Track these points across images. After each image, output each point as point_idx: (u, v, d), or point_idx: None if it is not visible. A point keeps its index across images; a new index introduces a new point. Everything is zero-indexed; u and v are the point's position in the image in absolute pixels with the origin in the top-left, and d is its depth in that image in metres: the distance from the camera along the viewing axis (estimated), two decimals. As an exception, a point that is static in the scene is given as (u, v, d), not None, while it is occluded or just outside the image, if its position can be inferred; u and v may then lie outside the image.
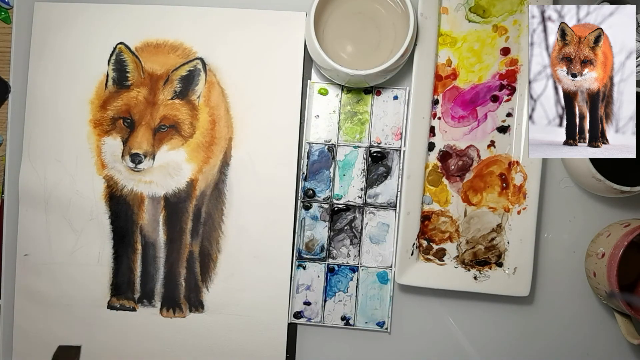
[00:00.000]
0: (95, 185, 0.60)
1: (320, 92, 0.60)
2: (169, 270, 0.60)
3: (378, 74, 0.55)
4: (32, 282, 0.60)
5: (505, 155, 0.59)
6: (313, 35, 0.54)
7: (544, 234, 0.60)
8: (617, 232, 0.55)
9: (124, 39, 0.60)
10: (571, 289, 0.60)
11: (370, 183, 0.60)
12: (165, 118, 0.60)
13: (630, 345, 0.60)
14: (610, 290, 0.54)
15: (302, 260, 0.60)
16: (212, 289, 0.60)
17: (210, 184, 0.60)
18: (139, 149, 0.60)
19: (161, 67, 0.60)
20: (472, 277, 0.59)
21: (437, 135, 0.60)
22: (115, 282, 0.60)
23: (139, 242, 0.60)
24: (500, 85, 0.60)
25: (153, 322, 0.60)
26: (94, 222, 0.60)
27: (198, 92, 0.60)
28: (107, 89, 0.60)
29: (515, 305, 0.60)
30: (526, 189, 0.58)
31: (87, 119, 0.60)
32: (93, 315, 0.60)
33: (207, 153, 0.60)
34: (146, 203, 0.60)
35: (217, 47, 0.60)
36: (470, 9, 0.60)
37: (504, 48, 0.60)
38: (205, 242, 0.60)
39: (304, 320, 0.60)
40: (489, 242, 0.59)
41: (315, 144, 0.60)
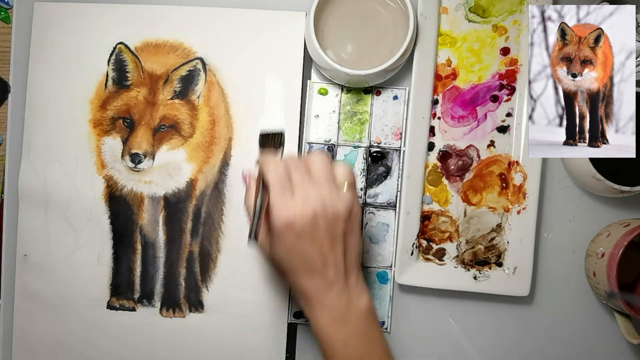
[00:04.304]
0: (95, 185, 0.60)
1: (320, 92, 0.60)
2: (168, 270, 0.60)
3: (378, 74, 0.55)
4: (32, 282, 0.60)
5: (505, 155, 0.59)
6: (313, 35, 0.54)
7: (543, 234, 0.60)
8: (617, 232, 0.55)
9: (124, 39, 0.60)
10: (571, 289, 0.60)
11: (370, 183, 0.60)
12: (165, 118, 0.60)
13: (630, 345, 0.60)
14: (610, 290, 0.54)
15: (302, 260, 0.60)
16: (212, 289, 0.60)
17: (210, 184, 0.60)
18: (139, 149, 0.60)
19: (161, 67, 0.60)
20: (472, 277, 0.59)
21: (437, 135, 0.60)
22: (115, 282, 0.60)
23: (139, 242, 0.60)
24: (500, 85, 0.60)
25: (153, 322, 0.60)
26: (94, 222, 0.60)
27: (198, 92, 0.60)
28: (107, 89, 0.60)
29: (515, 305, 0.60)
30: (526, 189, 0.58)
31: (87, 118, 0.60)
32: (93, 315, 0.60)
33: (207, 153, 0.60)
34: (146, 203, 0.60)
35: (217, 47, 0.60)
36: (470, 9, 0.60)
37: (503, 48, 0.60)
38: (205, 242, 0.60)
39: (304, 320, 0.60)
40: (488, 242, 0.59)
41: (315, 144, 0.60)
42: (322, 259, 0.47)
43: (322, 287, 0.48)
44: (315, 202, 0.46)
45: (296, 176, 0.47)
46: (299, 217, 0.46)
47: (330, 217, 0.46)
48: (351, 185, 0.49)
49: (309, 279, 0.47)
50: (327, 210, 0.46)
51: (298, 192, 0.46)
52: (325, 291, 0.48)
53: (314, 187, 0.47)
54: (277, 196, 0.46)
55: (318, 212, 0.46)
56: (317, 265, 0.47)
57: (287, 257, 0.47)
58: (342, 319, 0.48)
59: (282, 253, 0.47)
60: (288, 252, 0.47)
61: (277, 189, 0.46)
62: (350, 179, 0.49)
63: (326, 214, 0.46)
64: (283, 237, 0.46)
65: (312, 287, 0.48)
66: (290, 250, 0.47)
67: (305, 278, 0.48)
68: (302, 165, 0.48)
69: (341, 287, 0.48)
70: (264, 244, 0.49)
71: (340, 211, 0.47)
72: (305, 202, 0.46)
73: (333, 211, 0.47)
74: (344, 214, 0.47)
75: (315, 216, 0.46)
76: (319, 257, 0.47)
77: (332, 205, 0.47)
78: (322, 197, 0.46)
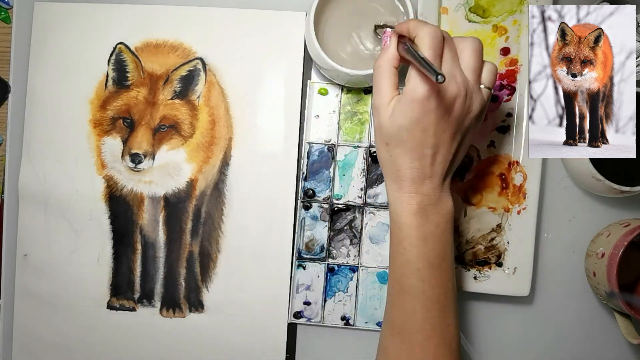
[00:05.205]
0: (95, 185, 0.60)
1: (320, 92, 0.60)
2: (168, 270, 0.60)
3: (378, 74, 0.55)
4: (32, 282, 0.60)
5: (505, 155, 0.59)
6: (313, 35, 0.54)
7: (544, 234, 0.60)
8: (617, 232, 0.55)
9: (124, 39, 0.60)
10: (571, 289, 0.60)
11: (370, 183, 0.60)
12: (165, 118, 0.60)
13: (630, 345, 0.60)
14: (610, 290, 0.54)
15: (302, 260, 0.60)
16: (212, 289, 0.60)
17: (210, 184, 0.60)
18: (139, 149, 0.60)
19: (161, 67, 0.60)
20: (472, 277, 0.59)
21: (437, 135, 0.60)
22: (115, 282, 0.60)
23: (139, 242, 0.60)
24: (500, 85, 0.60)
25: (153, 322, 0.60)
26: (94, 222, 0.60)
27: (198, 92, 0.60)
28: (107, 89, 0.60)
29: (515, 305, 0.60)
30: (526, 189, 0.58)
31: (87, 118, 0.60)
32: (93, 315, 0.60)
33: (207, 153, 0.60)
34: (146, 203, 0.60)
35: (217, 47, 0.60)
36: (470, 9, 0.60)
37: (503, 48, 0.60)
38: (205, 242, 0.60)
39: (303, 320, 0.60)
40: (488, 242, 0.59)
41: (315, 144, 0.60)
42: (436, 147, 0.45)
43: (423, 174, 0.46)
44: (460, 86, 0.44)
45: (448, 53, 0.45)
46: (439, 95, 0.44)
47: (465, 107, 0.45)
48: (491, 86, 0.47)
49: (415, 160, 0.46)
50: (466, 99, 0.45)
51: (446, 70, 0.45)
52: (423, 179, 0.46)
53: (461, 72, 0.45)
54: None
55: (459, 97, 0.44)
56: (429, 150, 0.45)
57: (408, 129, 0.45)
58: (428, 211, 0.46)
59: (403, 122, 0.45)
60: (412, 124, 0.44)
61: (430, 55, 0.44)
62: (493, 80, 0.48)
63: (464, 102, 0.45)
64: (413, 107, 0.44)
65: (414, 170, 0.46)
66: (413, 122, 0.44)
67: (412, 158, 0.46)
68: (454, 45, 0.46)
69: (438, 182, 0.47)
70: (384, 106, 0.46)
71: (475, 106, 0.46)
72: (451, 82, 0.44)
73: (470, 103, 0.46)
74: (477, 110, 0.46)
75: (454, 100, 0.44)
76: (435, 144, 0.45)
77: (472, 97, 0.46)
78: (467, 84, 0.45)
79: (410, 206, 0.46)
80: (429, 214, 0.46)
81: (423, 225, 0.46)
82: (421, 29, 0.45)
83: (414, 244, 0.46)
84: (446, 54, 0.45)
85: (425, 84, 0.43)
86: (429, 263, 0.46)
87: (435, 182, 0.46)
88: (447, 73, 0.44)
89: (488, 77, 0.47)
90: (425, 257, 0.46)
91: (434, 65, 0.41)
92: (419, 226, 0.46)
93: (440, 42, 0.45)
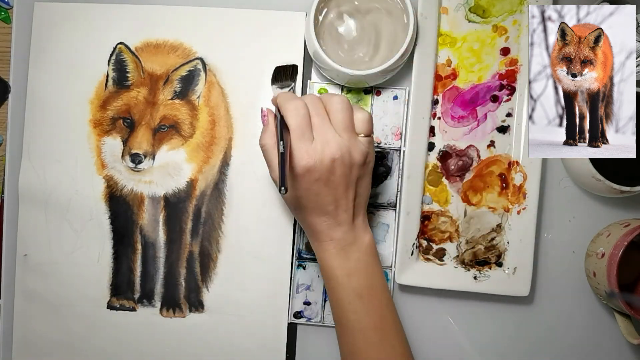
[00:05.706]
0: (95, 185, 0.60)
1: (320, 92, 0.60)
2: (168, 270, 0.60)
3: (378, 74, 0.55)
4: (32, 282, 0.60)
5: (505, 155, 0.59)
6: (313, 35, 0.54)
7: (544, 234, 0.60)
8: (617, 232, 0.55)
9: (124, 39, 0.60)
10: (571, 289, 0.60)
11: (370, 183, 0.60)
12: (165, 118, 0.60)
13: (630, 345, 0.60)
14: (610, 290, 0.54)
15: (302, 260, 0.60)
16: (212, 289, 0.60)
17: (210, 184, 0.60)
18: (139, 149, 0.60)
19: (161, 67, 0.60)
20: (472, 277, 0.59)
21: (437, 135, 0.60)
22: (115, 282, 0.60)
23: (139, 242, 0.60)
24: (500, 85, 0.60)
25: (153, 322, 0.60)
26: (94, 222, 0.60)
27: (198, 92, 0.60)
28: (107, 89, 0.60)
29: (515, 305, 0.60)
30: (526, 189, 0.58)
31: (87, 118, 0.60)
32: (93, 315, 0.60)
33: (207, 153, 0.60)
34: (146, 203, 0.60)
35: (217, 47, 0.60)
36: (470, 9, 0.60)
37: (503, 48, 0.60)
38: (205, 242, 0.60)
39: (303, 320, 0.60)
40: (488, 242, 0.59)
41: (315, 144, 0.60)
42: (335, 202, 0.49)
43: (332, 224, 0.50)
44: (334, 149, 0.48)
45: (316, 120, 0.49)
46: (318, 163, 0.48)
47: (347, 164, 0.49)
48: (369, 134, 0.50)
49: (321, 217, 0.50)
50: (344, 158, 0.48)
51: (318, 138, 0.48)
52: (334, 228, 0.50)
53: (334, 134, 0.48)
54: (298, 140, 0.48)
55: (336, 159, 0.48)
56: (330, 207, 0.49)
57: (303, 197, 0.49)
58: (347, 251, 0.51)
59: (298, 192, 0.49)
60: (304, 193, 0.49)
61: (298, 132, 0.48)
62: (369, 128, 0.50)
63: (343, 161, 0.48)
64: (301, 180, 0.48)
65: (323, 224, 0.50)
66: (306, 191, 0.49)
67: (317, 216, 0.50)
68: (322, 107, 0.50)
69: (349, 225, 0.51)
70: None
71: (357, 159, 0.49)
72: (325, 149, 0.48)
73: (350, 158, 0.49)
74: (359, 161, 0.49)
75: (333, 163, 0.48)
76: (332, 201, 0.49)
77: (350, 152, 0.49)
78: (341, 144, 0.48)
79: (329, 251, 0.51)
80: (348, 252, 0.51)
81: (345, 264, 0.51)
82: (286, 106, 0.49)
83: (340, 282, 0.51)
84: (315, 122, 0.49)
85: (302, 159, 0.48)
86: (358, 295, 0.50)
87: (345, 227, 0.51)
88: (320, 141, 0.48)
89: (362, 126, 0.50)
90: (353, 291, 0.50)
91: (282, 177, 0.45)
92: (341, 266, 0.51)
93: (305, 115, 0.48)
